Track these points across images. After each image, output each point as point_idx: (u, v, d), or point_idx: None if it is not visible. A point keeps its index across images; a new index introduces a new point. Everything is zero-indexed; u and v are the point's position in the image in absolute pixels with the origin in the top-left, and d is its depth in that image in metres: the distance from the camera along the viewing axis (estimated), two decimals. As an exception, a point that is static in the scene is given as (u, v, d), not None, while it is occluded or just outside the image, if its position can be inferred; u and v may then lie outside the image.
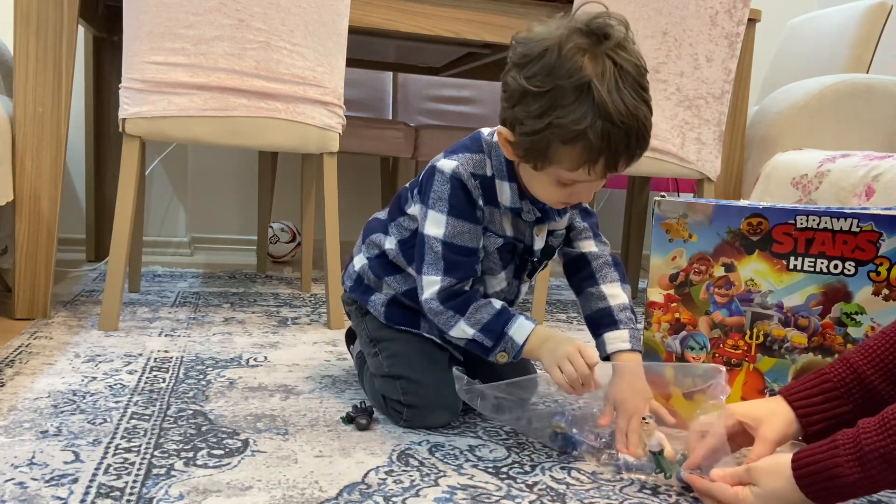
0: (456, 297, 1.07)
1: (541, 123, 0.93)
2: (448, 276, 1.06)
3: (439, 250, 1.06)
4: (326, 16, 1.64)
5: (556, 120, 0.92)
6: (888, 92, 2.24)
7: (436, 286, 1.06)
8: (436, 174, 1.07)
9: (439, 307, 1.07)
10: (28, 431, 1.01)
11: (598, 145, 0.92)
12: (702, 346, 1.17)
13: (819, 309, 1.09)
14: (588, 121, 0.91)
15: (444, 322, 1.07)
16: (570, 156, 0.95)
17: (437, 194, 1.06)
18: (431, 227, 1.07)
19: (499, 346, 1.05)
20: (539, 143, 0.95)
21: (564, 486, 0.94)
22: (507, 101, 0.98)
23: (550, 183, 1.00)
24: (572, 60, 0.91)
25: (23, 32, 1.60)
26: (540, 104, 0.93)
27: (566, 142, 0.93)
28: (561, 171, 0.97)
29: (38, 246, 1.64)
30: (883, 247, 1.05)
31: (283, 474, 0.93)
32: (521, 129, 0.96)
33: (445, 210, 1.06)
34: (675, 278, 1.17)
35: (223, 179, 2.83)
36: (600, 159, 0.94)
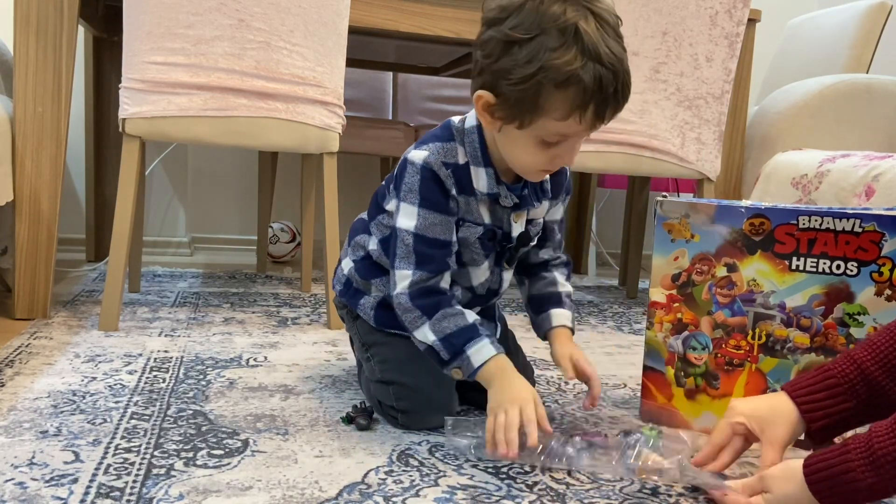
0: (427, 295, 1.05)
1: (531, 68, 0.92)
2: (420, 269, 1.04)
3: (410, 242, 1.04)
4: (326, 16, 1.64)
5: (548, 62, 0.91)
6: (888, 92, 2.24)
7: (407, 280, 1.04)
8: (407, 166, 1.06)
9: (408, 303, 1.05)
10: (28, 431, 1.01)
11: (591, 87, 0.92)
12: (704, 346, 1.16)
13: (821, 309, 1.09)
14: (579, 62, 0.91)
15: (410, 321, 1.05)
16: (561, 101, 0.93)
17: (408, 186, 1.05)
18: (403, 220, 1.05)
19: (454, 361, 1.03)
20: (529, 90, 0.93)
21: (564, 486, 0.94)
22: (488, 58, 0.96)
23: (534, 145, 0.99)
24: (553, 7, 0.92)
25: (23, 32, 1.60)
26: (528, 50, 0.92)
27: (558, 85, 0.92)
28: (549, 122, 0.95)
29: (38, 246, 1.64)
30: (885, 247, 1.04)
31: (283, 474, 0.92)
32: (509, 80, 0.94)
33: (416, 201, 1.04)
34: (677, 278, 1.17)
35: (223, 179, 2.83)
36: (590, 105, 0.93)
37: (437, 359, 1.04)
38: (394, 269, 1.06)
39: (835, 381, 0.90)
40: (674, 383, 1.19)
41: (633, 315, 2.15)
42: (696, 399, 1.18)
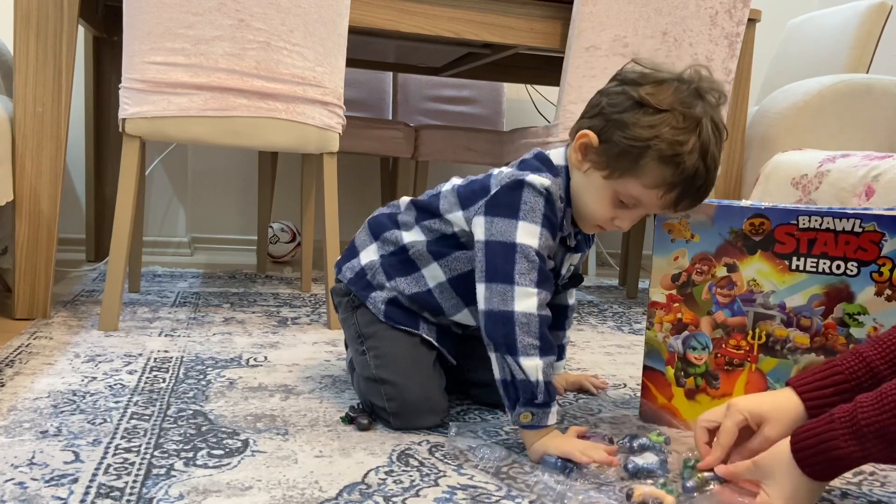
0: (547, 325, 1.03)
1: (649, 133, 0.99)
2: (541, 288, 1.02)
3: (536, 260, 1.02)
4: (326, 16, 1.64)
5: (666, 135, 0.99)
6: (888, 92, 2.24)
7: (534, 298, 1.01)
8: (525, 187, 1.05)
9: (536, 327, 1.00)
10: (28, 431, 1.01)
11: (686, 174, 1.00)
12: (704, 346, 1.16)
13: (821, 309, 1.09)
14: (689, 148, 0.99)
15: (524, 344, 1.00)
16: (655, 173, 1.00)
17: (530, 206, 1.04)
18: (525, 237, 1.03)
19: (541, 408, 1.00)
20: (635, 149, 1.00)
21: (564, 486, 0.94)
22: (612, 107, 1.02)
23: (608, 198, 1.05)
24: (688, 96, 1.01)
25: (23, 32, 1.60)
26: (654, 118, 1.00)
27: (662, 158, 0.99)
28: (634, 185, 1.02)
29: (38, 246, 1.63)
30: (885, 247, 1.04)
31: (283, 474, 0.92)
32: (623, 133, 1.00)
33: (540, 222, 1.04)
34: (677, 278, 1.17)
35: (223, 179, 2.83)
36: (677, 188, 1.01)
37: (527, 395, 1.00)
38: (512, 285, 1.02)
39: (842, 377, 0.90)
40: (674, 383, 1.19)
41: (633, 315, 2.15)
42: (696, 399, 1.18)
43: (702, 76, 1.04)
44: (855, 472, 1.05)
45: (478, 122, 3.04)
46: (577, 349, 1.68)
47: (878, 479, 1.03)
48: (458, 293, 1.15)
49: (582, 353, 1.66)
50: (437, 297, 1.16)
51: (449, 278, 1.15)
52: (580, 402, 1.30)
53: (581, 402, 1.30)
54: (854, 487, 1.00)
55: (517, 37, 1.98)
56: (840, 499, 0.96)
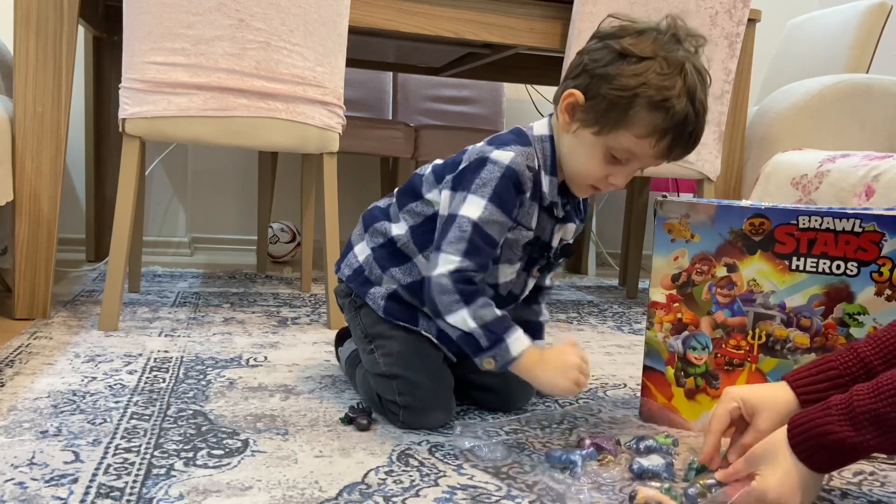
0: (468, 282, 1.05)
1: (636, 80, 0.99)
2: (467, 258, 1.04)
3: (468, 231, 1.04)
4: (326, 16, 1.64)
5: (653, 81, 0.99)
6: (888, 92, 2.24)
7: (452, 265, 1.04)
8: (487, 164, 1.06)
9: (449, 285, 1.04)
10: (28, 431, 1.01)
11: (677, 119, 1.00)
12: (704, 346, 1.16)
13: (821, 309, 1.09)
14: (676, 91, 0.99)
15: (446, 303, 1.04)
16: (646, 121, 1.00)
17: (483, 180, 1.06)
18: (467, 208, 1.05)
19: (492, 349, 1.03)
20: (623, 99, 1.00)
21: (564, 486, 0.94)
22: (594, 62, 1.02)
23: (600, 155, 1.05)
24: (669, 42, 1.02)
25: (23, 32, 1.60)
26: (638, 66, 1.00)
27: (651, 105, 0.99)
28: (626, 136, 1.02)
29: (38, 246, 1.63)
30: (885, 247, 1.04)
31: (283, 474, 0.92)
32: (609, 86, 1.00)
33: (487, 196, 1.05)
34: (677, 278, 1.17)
35: (223, 179, 2.83)
36: (669, 134, 1.01)
37: (472, 346, 1.04)
38: (439, 252, 1.06)
39: (836, 371, 0.90)
40: (674, 383, 1.19)
41: (633, 315, 2.15)
42: (695, 399, 1.18)
43: (678, 24, 1.04)
44: (855, 472, 1.05)
45: (478, 122, 3.04)
46: (577, 349, 1.68)
47: (878, 479, 1.03)
48: None
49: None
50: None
51: None
52: (580, 403, 1.30)
53: (581, 403, 1.30)
54: (854, 487, 1.00)
55: (517, 37, 1.98)
56: (840, 499, 0.96)
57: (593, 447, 1.01)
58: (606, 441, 1.03)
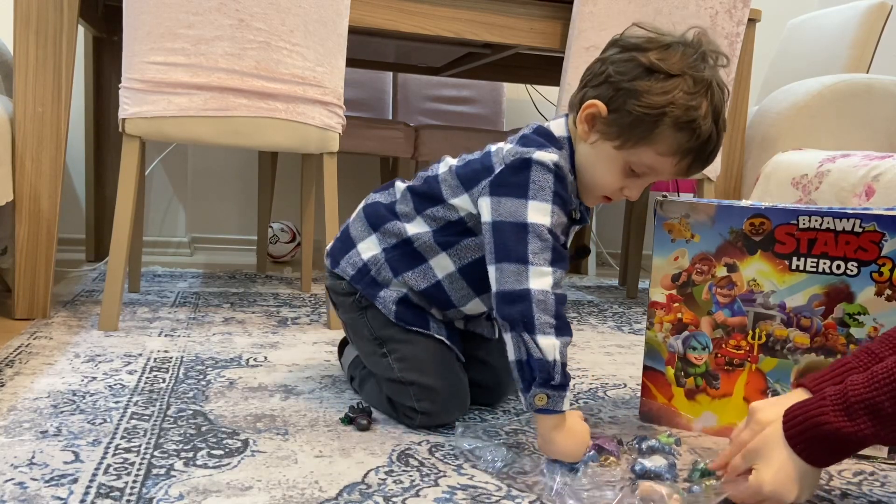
0: (564, 304, 1.00)
1: (663, 99, 0.97)
2: (557, 266, 1.00)
3: (549, 239, 0.99)
4: (326, 16, 1.64)
5: (681, 101, 0.97)
6: (888, 92, 2.24)
7: (549, 277, 0.98)
8: (533, 165, 1.02)
9: (552, 307, 0.97)
10: (28, 431, 1.01)
11: (701, 139, 0.99)
12: (704, 346, 1.16)
13: (821, 309, 1.09)
14: (703, 112, 0.98)
15: (541, 322, 0.96)
16: (671, 140, 0.99)
17: (539, 184, 1.01)
18: (537, 216, 1.00)
19: (558, 389, 0.96)
20: (649, 117, 0.98)
21: (565, 487, 0.94)
22: (621, 75, 0.99)
23: (619, 168, 1.03)
24: (695, 59, 1.00)
25: (23, 32, 1.60)
26: (667, 84, 0.98)
27: (678, 125, 0.98)
28: (649, 153, 1.00)
29: (38, 246, 1.63)
30: (885, 247, 1.04)
31: (283, 474, 0.92)
32: (636, 102, 0.98)
33: (550, 199, 1.01)
34: (677, 278, 1.17)
35: (223, 179, 2.83)
36: (691, 154, 1.01)
37: (543, 375, 0.96)
38: (527, 265, 0.98)
39: (850, 365, 0.89)
40: (674, 383, 1.19)
41: (633, 315, 2.15)
42: (696, 399, 1.18)
43: (704, 40, 1.02)
44: (855, 472, 1.05)
45: (478, 122, 3.04)
46: (577, 349, 1.68)
47: (878, 479, 1.03)
48: (469, 282, 1.13)
49: (582, 353, 1.66)
50: (446, 290, 1.13)
51: (459, 267, 1.12)
52: (580, 403, 1.30)
53: (581, 403, 1.30)
54: (854, 487, 1.00)
55: (517, 37, 1.98)
56: (840, 499, 0.96)
57: (595, 449, 1.01)
58: (608, 442, 1.03)
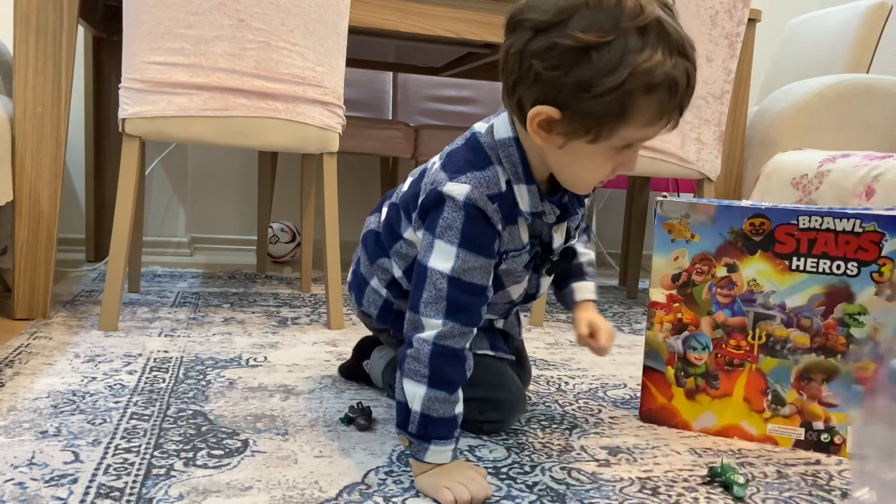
0: (447, 360, 0.91)
1: (619, 76, 0.80)
2: (450, 319, 0.91)
3: (443, 288, 0.90)
4: (326, 16, 1.64)
5: (638, 66, 0.80)
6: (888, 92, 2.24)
7: (435, 330, 0.91)
8: (445, 200, 0.91)
9: (427, 358, 0.90)
10: (28, 431, 1.01)
11: (681, 85, 0.83)
12: (704, 346, 1.16)
13: (822, 309, 1.09)
14: (671, 61, 0.81)
15: (410, 368, 0.91)
16: (650, 107, 0.83)
17: (447, 222, 0.91)
18: (437, 260, 0.91)
19: (412, 438, 0.92)
20: (616, 101, 0.81)
21: (564, 486, 0.94)
22: (554, 70, 0.82)
23: (605, 157, 0.88)
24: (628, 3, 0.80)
25: (23, 32, 1.60)
26: (610, 55, 0.80)
27: (650, 89, 0.81)
28: (631, 130, 0.85)
29: (38, 246, 1.63)
30: (886, 247, 1.05)
31: (283, 474, 0.92)
32: (590, 93, 0.81)
33: (456, 242, 0.91)
34: (677, 278, 1.17)
35: (223, 179, 2.83)
36: (677, 106, 0.85)
37: (402, 418, 0.93)
38: (418, 314, 0.92)
39: None
40: (674, 383, 1.19)
41: (633, 315, 2.15)
42: (696, 399, 1.18)
43: None
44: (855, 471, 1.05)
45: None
46: (577, 349, 1.68)
47: (878, 479, 1.03)
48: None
49: (582, 353, 1.66)
50: None
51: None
52: (580, 403, 1.30)
53: (581, 403, 1.30)
54: (854, 487, 1.00)
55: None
56: (840, 499, 0.96)
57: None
58: None
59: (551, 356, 1.59)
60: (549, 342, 1.72)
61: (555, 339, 1.76)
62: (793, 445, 1.13)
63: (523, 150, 0.94)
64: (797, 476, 1.03)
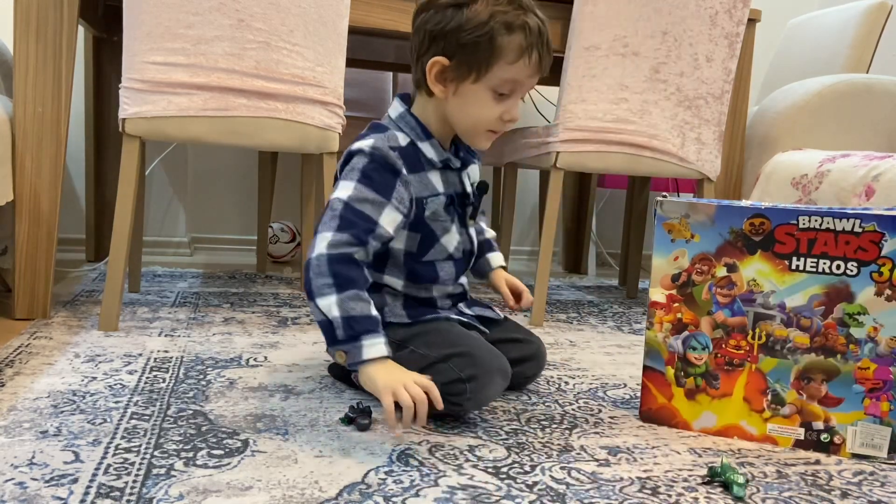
0: (345, 264, 1.05)
1: (484, 16, 1.08)
2: (340, 231, 1.06)
3: (338, 209, 1.08)
4: (326, 16, 1.64)
5: (498, 11, 1.08)
6: (888, 92, 2.24)
7: (325, 241, 1.06)
8: (354, 154, 1.12)
9: (325, 266, 1.04)
10: (28, 431, 1.01)
11: (535, 31, 1.10)
12: (704, 346, 1.16)
13: (821, 309, 1.09)
14: (522, 11, 1.10)
15: (317, 286, 1.04)
16: (512, 45, 1.09)
17: (352, 166, 1.11)
18: (338, 192, 1.10)
19: (345, 344, 1.03)
20: (484, 36, 1.08)
21: (564, 486, 0.94)
22: (438, 25, 1.10)
23: (488, 97, 1.12)
24: None
25: (23, 32, 1.60)
26: (477, 7, 1.09)
27: (509, 27, 1.08)
28: (503, 67, 1.10)
29: (38, 246, 1.64)
30: (885, 247, 1.05)
31: (283, 474, 0.92)
32: (465, 31, 1.08)
33: (356, 178, 1.10)
34: (677, 278, 1.17)
35: (223, 179, 2.83)
36: (535, 49, 1.10)
37: (329, 334, 1.04)
38: (316, 234, 1.08)
39: None
40: (674, 383, 1.19)
41: (633, 315, 2.15)
42: (696, 399, 1.18)
43: None
44: (855, 472, 1.05)
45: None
46: (577, 349, 1.68)
47: (878, 479, 1.03)
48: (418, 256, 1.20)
49: (582, 353, 1.66)
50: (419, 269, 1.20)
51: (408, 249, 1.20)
52: (580, 403, 1.30)
53: (581, 403, 1.30)
54: (854, 487, 1.00)
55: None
56: (840, 499, 0.96)
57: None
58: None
59: (551, 356, 1.59)
60: (549, 342, 1.72)
61: (555, 340, 1.76)
62: (792, 445, 1.13)
63: (416, 117, 1.18)
64: (797, 476, 1.03)
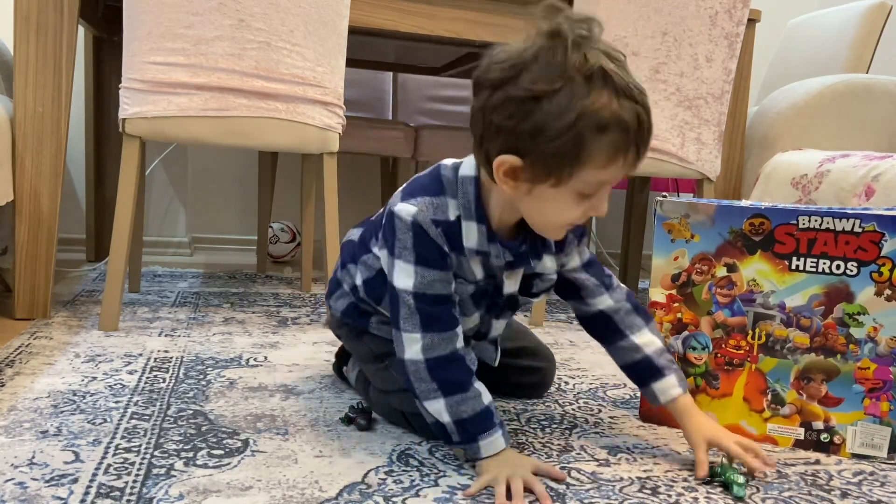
0: (446, 367, 0.98)
1: (569, 118, 0.85)
2: (427, 331, 0.97)
3: (412, 303, 0.97)
4: (326, 16, 1.64)
5: (585, 109, 0.85)
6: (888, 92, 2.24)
7: (418, 344, 0.97)
8: (395, 220, 0.98)
9: (424, 374, 0.97)
10: (28, 431, 1.01)
11: (632, 126, 0.87)
12: (704, 346, 1.17)
13: (821, 309, 1.09)
14: (616, 103, 0.86)
15: (423, 390, 0.98)
16: (604, 148, 0.87)
17: (402, 243, 0.98)
18: (401, 280, 0.98)
19: (462, 445, 0.98)
20: (569, 142, 0.86)
21: (564, 486, 0.94)
22: (510, 119, 0.88)
23: (570, 200, 0.92)
24: (571, 54, 0.86)
25: (23, 32, 1.60)
26: (559, 101, 0.86)
27: (601, 129, 0.86)
28: (590, 172, 0.89)
29: (38, 246, 1.64)
30: (885, 247, 1.05)
31: (283, 474, 0.92)
32: (545, 136, 0.87)
33: (412, 260, 0.97)
34: (677, 278, 1.17)
35: (223, 179, 2.83)
36: (632, 145, 0.89)
37: (443, 436, 0.99)
38: (399, 332, 0.99)
39: None
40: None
41: (633, 315, 2.15)
42: (695, 399, 1.17)
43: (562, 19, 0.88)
44: (855, 472, 1.05)
45: (478, 122, 3.03)
46: (577, 349, 1.68)
47: (878, 478, 1.03)
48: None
49: (582, 353, 1.66)
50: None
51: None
52: (580, 403, 1.30)
53: (581, 403, 1.30)
54: (854, 487, 1.00)
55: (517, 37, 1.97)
56: (840, 499, 0.96)
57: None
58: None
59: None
60: (549, 342, 1.72)
61: (555, 340, 1.76)
62: (792, 445, 1.13)
63: (480, 190, 0.99)
64: (797, 476, 1.03)
